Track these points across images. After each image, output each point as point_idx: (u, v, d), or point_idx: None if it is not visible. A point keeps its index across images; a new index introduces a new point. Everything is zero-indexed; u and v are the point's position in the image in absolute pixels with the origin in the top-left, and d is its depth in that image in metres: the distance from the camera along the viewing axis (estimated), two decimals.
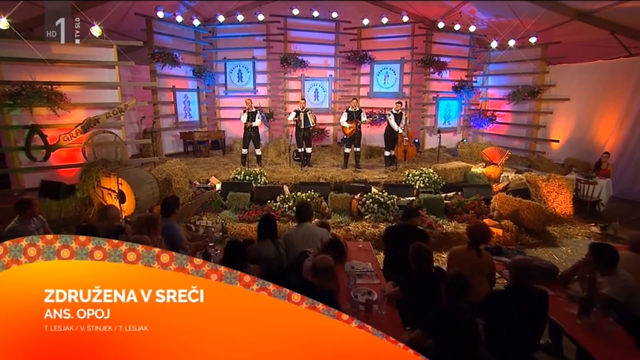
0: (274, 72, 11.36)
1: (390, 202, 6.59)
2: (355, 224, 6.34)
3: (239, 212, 6.63)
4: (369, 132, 11.23)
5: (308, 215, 3.80)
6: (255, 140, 8.76)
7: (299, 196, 6.69)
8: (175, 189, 6.34)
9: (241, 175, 7.52)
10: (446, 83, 11.13)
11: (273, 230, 3.65)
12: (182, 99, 10.53)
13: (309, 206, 3.90)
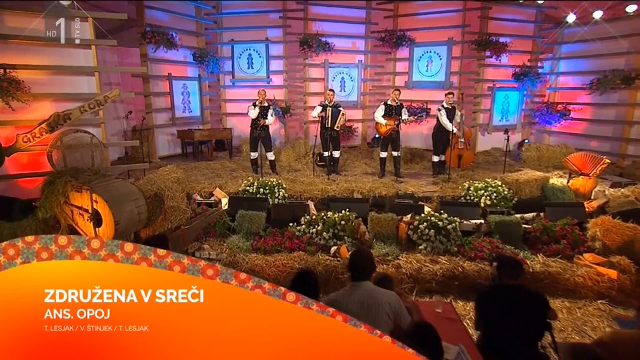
0: (292, 57, 10.37)
1: (452, 227, 5.44)
2: (407, 256, 5.22)
3: (252, 238, 5.59)
4: (404, 131, 10.08)
5: (369, 270, 2.67)
6: (265, 142, 7.72)
7: (330, 217, 5.59)
8: (169, 209, 5.31)
9: (253, 187, 6.47)
10: (504, 70, 9.93)
11: (314, 294, 2.55)
12: (180, 90, 9.60)
13: (370, 256, 2.76)
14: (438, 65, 10.12)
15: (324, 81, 10.42)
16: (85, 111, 5.72)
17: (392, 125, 7.55)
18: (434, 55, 10.13)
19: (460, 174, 7.70)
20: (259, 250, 5.29)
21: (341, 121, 7.63)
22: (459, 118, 7.70)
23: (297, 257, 5.08)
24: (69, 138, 5.59)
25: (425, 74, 10.30)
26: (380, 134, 7.73)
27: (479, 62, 9.84)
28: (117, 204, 4.79)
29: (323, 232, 5.50)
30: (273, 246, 5.29)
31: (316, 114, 7.80)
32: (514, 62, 9.78)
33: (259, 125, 7.57)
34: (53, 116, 5.49)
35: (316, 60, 10.26)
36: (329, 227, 5.56)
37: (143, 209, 5.09)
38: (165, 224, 5.34)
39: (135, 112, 8.79)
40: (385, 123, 7.58)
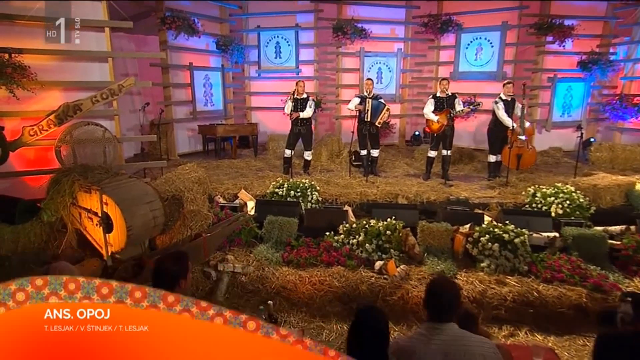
0: (324, 45, 9.87)
1: (520, 241, 4.76)
2: (466, 275, 4.58)
3: (282, 248, 5.08)
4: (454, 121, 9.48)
5: (455, 308, 2.06)
6: (306, 139, 7.23)
7: (373, 226, 5.02)
8: (189, 213, 4.86)
9: (283, 190, 5.97)
10: (567, 58, 9.10)
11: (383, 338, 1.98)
12: (202, 81, 9.24)
13: (456, 289, 2.14)
14: (489, 54, 9.38)
15: (359, 72, 9.84)
16: (98, 102, 5.35)
17: (445, 121, 6.91)
18: (484, 42, 9.39)
19: (520, 176, 6.98)
20: (291, 263, 4.77)
21: (385, 116, 7.05)
22: (519, 111, 6.98)
23: (336, 273, 4.53)
24: (79, 131, 5.23)
25: (474, 64, 9.57)
26: (433, 132, 7.10)
27: (538, 49, 9.05)
28: (130, 206, 4.37)
29: (365, 244, 4.94)
30: (307, 259, 4.77)
31: (353, 106, 7.24)
32: (580, 49, 8.93)
33: (298, 120, 7.08)
34: (62, 107, 5.13)
35: (350, 49, 9.70)
36: (372, 237, 4.99)
37: (159, 213, 4.67)
38: (184, 231, 4.90)
39: (153, 104, 8.44)
40: (437, 119, 6.95)
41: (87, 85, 5.44)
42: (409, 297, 4.26)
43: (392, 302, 4.25)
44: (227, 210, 5.44)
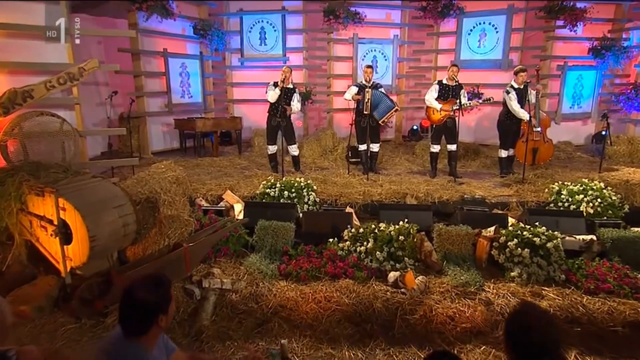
0: (314, 31, 9.30)
1: (553, 246, 4.30)
2: (495, 286, 4.09)
3: (278, 258, 4.50)
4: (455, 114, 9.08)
5: (553, 348, 1.52)
6: (287, 132, 6.66)
7: (383, 231, 4.49)
8: (167, 218, 4.23)
9: (275, 190, 5.39)
10: (577, 44, 8.75)
11: None
12: (178, 70, 8.60)
13: (551, 323, 1.59)
14: (494, 40, 8.98)
15: (352, 60, 9.33)
16: (53, 87, 4.66)
17: (449, 111, 6.43)
18: (488, 28, 8.99)
19: (536, 172, 6.56)
20: (290, 276, 4.19)
21: (390, 118, 6.55)
22: (533, 98, 6.56)
23: (345, 288, 3.98)
24: (30, 123, 4.53)
25: (478, 51, 9.16)
26: (433, 122, 6.62)
27: (547, 34, 8.69)
28: (94, 212, 3.73)
29: (375, 252, 4.40)
30: (309, 271, 4.19)
31: (350, 96, 6.72)
32: (590, 34, 8.61)
33: (279, 112, 6.49)
34: (7, 93, 4.42)
35: (343, 35, 9.19)
36: (382, 244, 4.46)
37: (131, 220, 4.03)
38: (160, 240, 4.28)
39: (123, 95, 7.73)
40: (440, 108, 6.46)
41: (40, 68, 4.74)
42: (432, 315, 3.73)
43: (413, 321, 3.72)
44: (211, 215, 4.82)
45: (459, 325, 3.66)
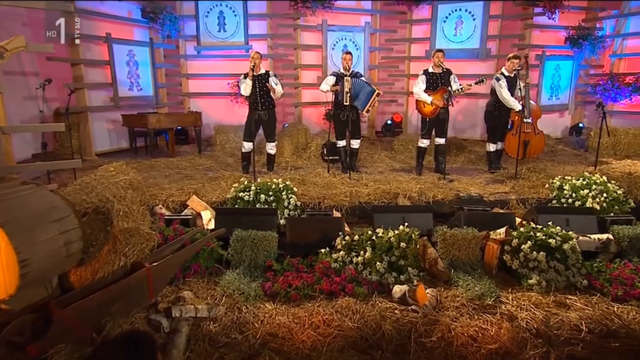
0: (279, 16, 8.70)
1: (570, 247, 3.99)
2: (513, 296, 3.71)
3: (260, 274, 3.93)
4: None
5: None
6: (269, 127, 6.11)
7: (382, 237, 4.01)
8: (122, 233, 3.53)
9: (250, 193, 4.78)
10: (554, 33, 8.71)
11: None
12: (125, 58, 7.78)
13: None
14: (471, 28, 8.78)
15: (322, 49, 8.83)
16: None
17: (441, 102, 6.07)
18: (464, 15, 8.78)
19: (529, 167, 6.33)
20: (278, 296, 3.61)
21: (375, 104, 6.10)
22: (523, 90, 6.32)
23: (346, 308, 3.45)
24: None
25: (454, 40, 8.93)
26: (426, 116, 6.23)
27: (525, 22, 8.58)
28: (26, 229, 2.98)
29: (375, 262, 3.90)
30: (300, 289, 3.63)
31: (327, 87, 6.23)
32: (565, 23, 8.58)
33: (259, 104, 5.89)
34: None
35: (311, 22, 8.66)
36: (381, 253, 3.97)
37: (75, 236, 3.30)
38: (115, 259, 3.57)
39: (58, 87, 6.80)
40: (431, 100, 6.09)
41: None
42: (451, 335, 3.27)
43: (430, 345, 3.24)
44: (176, 226, 4.14)
45: (483, 347, 3.22)
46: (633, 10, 8.68)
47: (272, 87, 5.90)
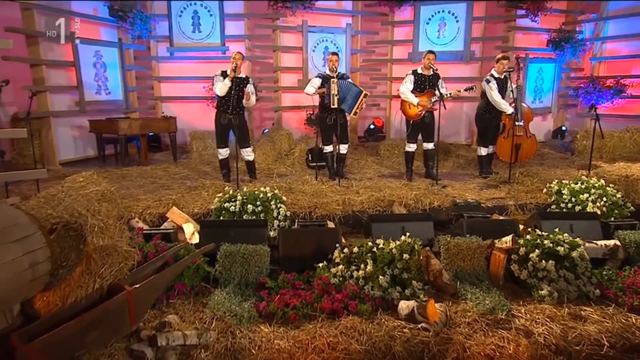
0: (257, 16, 8.44)
1: (578, 255, 3.87)
2: (526, 309, 3.54)
3: (253, 293, 3.65)
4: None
5: None
6: (241, 132, 5.81)
7: (383, 249, 3.79)
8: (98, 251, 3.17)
9: (236, 203, 4.49)
10: (536, 35, 8.78)
11: None
12: (91, 59, 7.39)
13: None
14: (454, 30, 8.74)
15: (302, 51, 8.61)
16: None
17: (427, 105, 5.94)
18: (447, 17, 8.74)
19: (522, 171, 6.26)
20: (274, 317, 3.32)
21: (363, 105, 5.91)
22: (515, 92, 6.25)
23: (351, 328, 3.19)
24: None
25: (437, 42, 8.87)
26: (410, 118, 6.09)
27: (508, 24, 8.59)
28: None
29: (377, 276, 3.66)
30: (299, 308, 3.35)
31: (313, 90, 6.00)
32: (546, 26, 8.66)
33: (229, 108, 5.58)
34: None
35: (291, 22, 8.43)
36: (383, 265, 3.74)
37: (42, 256, 2.94)
38: (89, 282, 3.19)
39: (16, 90, 6.32)
40: (418, 102, 5.94)
41: None
42: (467, 355, 3.06)
43: None
44: (157, 241, 3.80)
45: None
46: (611, 13, 8.85)
47: (248, 95, 5.61)
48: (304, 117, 8.66)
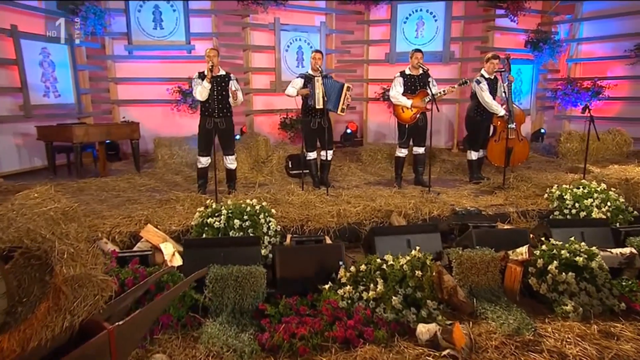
0: (225, 13, 8.06)
1: (597, 265, 3.76)
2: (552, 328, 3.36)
3: (250, 322, 3.30)
4: (382, 120, 8.76)
5: None
6: (227, 137, 5.44)
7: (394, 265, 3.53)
8: (68, 283, 2.73)
9: (221, 218, 4.10)
10: (514, 36, 8.88)
11: None
12: (37, 58, 6.85)
13: None
14: (432, 30, 8.69)
15: (275, 51, 8.29)
16: None
17: (421, 107, 5.78)
18: (426, 16, 8.68)
19: (515, 175, 6.20)
20: (280, 350, 2.97)
21: (348, 99, 5.64)
22: (505, 92, 6.21)
23: (370, 358, 2.89)
24: None
25: (415, 42, 8.77)
26: (404, 122, 5.90)
27: (487, 24, 8.62)
28: None
29: (390, 297, 3.38)
30: (309, 338, 3.01)
31: (294, 91, 5.71)
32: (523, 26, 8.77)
33: (215, 111, 5.20)
34: None
35: (262, 20, 8.09)
36: (394, 284, 3.47)
37: None
38: (57, 320, 2.75)
39: None
40: (410, 104, 5.76)
41: None
42: None
43: None
44: (135, 266, 3.36)
45: None
46: (585, 15, 9.09)
47: (235, 93, 5.26)
48: (278, 121, 8.33)
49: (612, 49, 8.66)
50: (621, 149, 7.78)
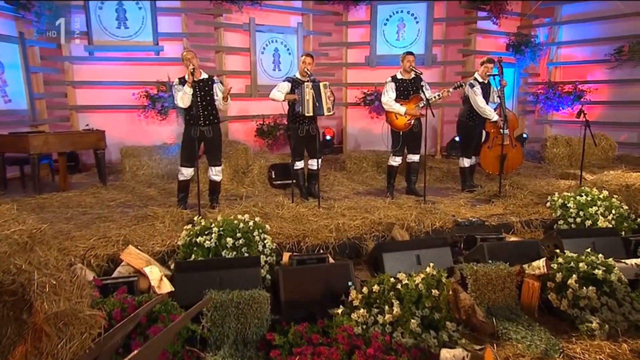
0: (196, 12, 7.77)
1: (616, 278, 3.72)
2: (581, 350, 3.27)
3: (255, 353, 3.08)
4: (364, 126, 8.85)
5: None
6: (214, 147, 5.18)
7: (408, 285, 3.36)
8: (51, 322, 2.41)
9: (211, 237, 3.82)
10: (494, 39, 9.01)
11: None
12: None
13: None
14: (414, 32, 8.69)
15: (250, 53, 8.04)
16: None
17: (416, 112, 5.68)
18: (407, 17, 8.67)
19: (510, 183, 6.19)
20: None
21: (331, 98, 5.46)
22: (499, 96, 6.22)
23: None
24: None
25: (396, 45, 8.76)
26: (398, 129, 5.78)
27: (469, 26, 8.69)
28: None
29: (408, 320, 3.20)
30: None
31: (281, 95, 5.51)
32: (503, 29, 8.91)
33: (200, 118, 4.91)
34: None
35: (235, 20, 7.84)
36: (410, 305, 3.30)
37: None
38: None
39: None
40: (405, 111, 5.66)
41: None
42: None
43: None
44: (122, 296, 3.04)
45: None
46: (564, 19, 9.31)
47: (225, 96, 5.00)
48: (254, 127, 8.07)
49: (592, 53, 8.89)
50: (607, 153, 7.96)
